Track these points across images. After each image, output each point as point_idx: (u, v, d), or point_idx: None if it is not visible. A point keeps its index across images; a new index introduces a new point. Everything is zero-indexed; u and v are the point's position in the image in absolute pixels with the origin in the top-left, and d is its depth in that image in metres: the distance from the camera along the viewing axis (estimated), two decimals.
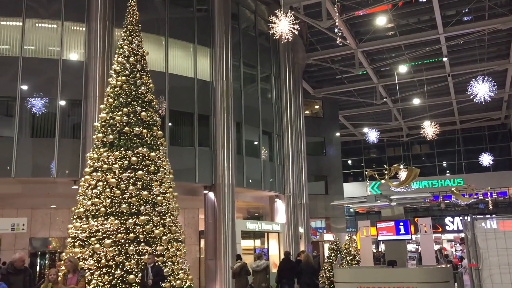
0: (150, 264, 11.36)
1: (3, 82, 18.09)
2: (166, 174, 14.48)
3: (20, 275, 7.79)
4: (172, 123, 20.23)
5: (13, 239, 20.00)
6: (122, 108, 14.33)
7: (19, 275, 7.77)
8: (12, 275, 7.71)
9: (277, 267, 15.58)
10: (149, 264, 11.37)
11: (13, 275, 7.71)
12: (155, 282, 11.08)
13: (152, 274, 11.08)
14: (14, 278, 7.75)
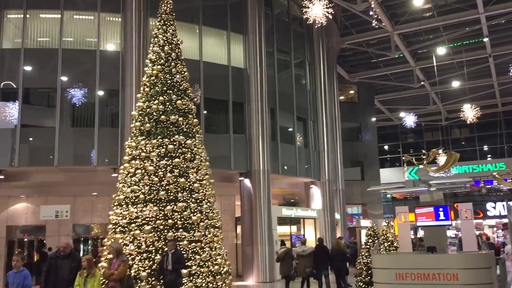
0: (171, 250, 11.05)
1: (44, 74, 18.66)
2: (202, 161, 14.65)
3: (67, 260, 8.15)
4: (207, 111, 20.39)
5: (57, 225, 20.75)
6: (158, 96, 14.55)
7: (66, 260, 8.15)
8: (59, 259, 8.10)
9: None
10: (169, 251, 11.04)
11: (61, 259, 8.08)
12: (174, 269, 10.81)
13: (172, 260, 10.79)
14: (61, 263, 8.16)
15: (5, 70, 18.29)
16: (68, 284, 8.18)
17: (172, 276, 10.68)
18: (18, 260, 7.77)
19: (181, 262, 11.02)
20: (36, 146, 18.40)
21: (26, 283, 7.73)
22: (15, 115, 18.06)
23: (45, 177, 18.94)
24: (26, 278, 7.73)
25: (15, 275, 7.67)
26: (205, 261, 13.30)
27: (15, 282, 7.58)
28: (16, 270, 7.72)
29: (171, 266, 10.58)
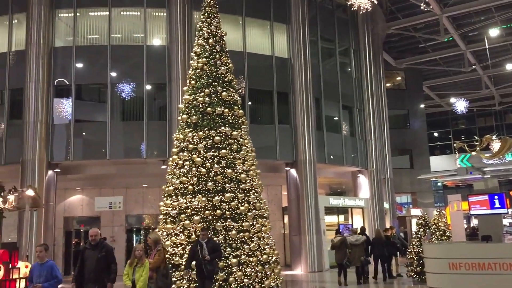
0: (204, 239, 10.54)
1: (95, 70, 19.31)
2: (248, 152, 14.76)
3: (95, 250, 7.80)
4: (252, 102, 20.48)
5: (111, 216, 21.54)
6: (204, 89, 14.74)
7: (94, 250, 7.81)
8: (88, 250, 7.82)
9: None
10: (202, 240, 10.53)
11: (89, 250, 7.80)
12: (213, 258, 10.42)
13: (208, 250, 10.29)
14: (89, 253, 7.82)
15: (58, 67, 19.05)
16: (95, 274, 7.74)
17: (211, 266, 10.36)
18: (41, 251, 7.29)
19: (218, 250, 10.72)
20: (89, 140, 19.12)
21: (54, 274, 7.28)
22: (69, 111, 18.81)
23: (98, 170, 19.66)
24: (53, 269, 7.29)
25: (40, 267, 7.22)
26: (253, 250, 13.44)
27: (42, 274, 7.10)
28: (41, 262, 7.25)
29: (208, 256, 10.19)
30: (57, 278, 7.22)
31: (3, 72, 19.20)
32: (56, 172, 18.51)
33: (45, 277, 7.07)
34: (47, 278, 7.08)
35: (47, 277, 7.09)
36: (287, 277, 16.75)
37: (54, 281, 7.16)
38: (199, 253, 10.22)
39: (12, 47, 19.54)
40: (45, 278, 7.06)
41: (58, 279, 7.25)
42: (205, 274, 10.18)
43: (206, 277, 10.26)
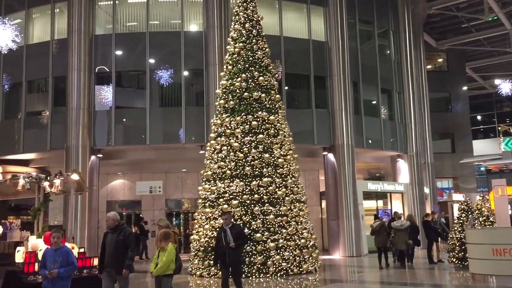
0: (228, 225, 9.58)
1: (134, 57, 19.64)
2: (285, 136, 14.77)
3: (114, 234, 7.69)
4: (288, 86, 20.36)
5: (151, 200, 22.05)
6: (240, 74, 14.80)
7: (113, 234, 7.71)
8: (109, 234, 7.74)
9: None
10: (226, 225, 9.58)
11: (110, 234, 7.72)
12: (238, 246, 9.43)
13: (232, 236, 9.33)
14: (109, 237, 7.76)
15: (99, 55, 19.48)
16: (112, 258, 7.62)
17: (235, 254, 9.35)
18: (59, 237, 6.94)
19: (243, 237, 9.76)
20: (129, 126, 19.55)
21: (71, 260, 6.87)
22: (110, 98, 19.25)
23: (138, 155, 20.11)
24: (69, 255, 6.87)
25: (55, 252, 6.82)
26: (291, 234, 13.53)
27: (57, 260, 6.73)
28: (56, 247, 6.87)
29: (233, 243, 9.22)
30: (73, 264, 6.91)
31: (47, 60, 19.80)
32: (98, 157, 19.06)
33: (60, 263, 6.73)
34: (62, 264, 6.73)
35: (62, 263, 6.74)
36: (325, 262, 16.76)
37: (70, 267, 6.85)
38: (223, 240, 9.34)
39: (55, 36, 20.10)
40: (59, 264, 6.72)
41: (74, 265, 6.96)
42: (229, 264, 9.30)
43: (230, 266, 9.37)
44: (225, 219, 9.63)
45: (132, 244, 7.76)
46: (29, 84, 20.58)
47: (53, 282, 6.63)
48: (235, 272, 9.29)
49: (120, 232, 7.74)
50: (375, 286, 12.30)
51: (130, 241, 7.74)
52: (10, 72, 20.58)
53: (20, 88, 20.37)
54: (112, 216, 7.99)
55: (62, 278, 6.66)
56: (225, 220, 9.62)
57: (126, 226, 8.04)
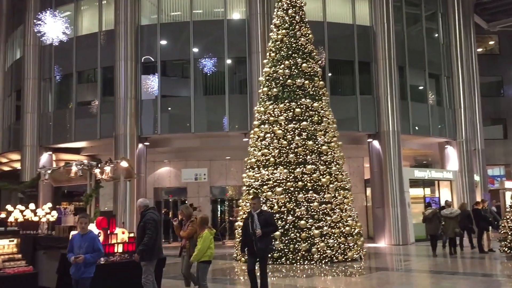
0: (256, 210, 8.67)
1: (178, 47, 19.93)
2: (329, 123, 14.65)
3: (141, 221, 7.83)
4: (332, 72, 20.10)
5: (196, 187, 22.46)
6: (283, 61, 14.75)
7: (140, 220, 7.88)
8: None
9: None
10: (254, 211, 8.66)
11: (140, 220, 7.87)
12: (265, 234, 8.44)
13: (260, 223, 8.43)
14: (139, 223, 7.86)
15: (144, 45, 19.88)
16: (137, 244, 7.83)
17: (262, 243, 8.37)
18: (86, 223, 6.94)
19: (271, 223, 8.69)
20: (174, 114, 19.92)
21: (97, 246, 6.83)
22: (155, 87, 19.65)
23: (184, 143, 20.48)
24: (95, 241, 6.85)
25: (81, 237, 6.80)
26: (336, 222, 13.47)
27: (82, 245, 6.69)
28: (83, 233, 6.83)
29: (259, 230, 8.31)
30: (99, 250, 6.86)
31: (95, 51, 20.39)
32: (145, 145, 19.55)
33: (86, 248, 6.68)
34: (88, 250, 6.69)
35: (88, 248, 6.69)
36: (370, 250, 16.59)
37: (96, 253, 6.81)
38: (249, 227, 8.51)
39: (103, 27, 20.65)
40: (85, 250, 6.67)
41: (101, 252, 6.93)
42: (255, 253, 8.44)
43: (257, 256, 8.49)
44: (253, 204, 8.78)
45: (149, 230, 7.65)
46: (79, 75, 21.31)
47: (77, 267, 6.63)
48: (262, 261, 8.55)
49: (142, 218, 7.88)
50: (423, 275, 12.09)
51: (147, 227, 7.67)
52: (61, 64, 21.35)
53: (70, 79, 21.12)
54: (138, 203, 8.15)
55: (86, 264, 6.64)
56: (253, 205, 8.77)
57: (149, 212, 7.91)
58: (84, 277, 6.64)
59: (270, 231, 8.71)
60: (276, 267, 12.65)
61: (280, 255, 13.06)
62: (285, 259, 13.02)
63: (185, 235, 8.82)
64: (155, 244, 7.80)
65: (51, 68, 21.41)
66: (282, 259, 13.04)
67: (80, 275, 6.61)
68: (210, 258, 8.20)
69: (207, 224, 8.48)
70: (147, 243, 7.64)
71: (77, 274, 6.61)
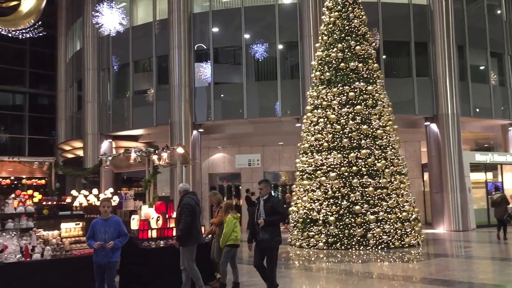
0: (264, 196, 7.64)
1: (230, 33, 20.03)
2: (384, 107, 14.34)
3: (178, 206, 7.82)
4: (386, 54, 19.55)
5: (250, 173, 22.66)
6: (336, 44, 14.53)
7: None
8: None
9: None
10: (262, 197, 7.67)
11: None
12: (269, 223, 7.38)
13: (265, 210, 7.45)
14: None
15: (197, 33, 20.14)
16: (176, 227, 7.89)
17: (266, 234, 7.36)
18: (108, 206, 6.78)
19: (278, 212, 7.55)
20: (227, 101, 20.13)
21: (123, 231, 6.70)
22: (208, 74, 19.91)
23: (237, 129, 20.68)
24: (120, 226, 6.71)
25: (105, 222, 6.65)
26: (392, 207, 13.23)
27: (107, 230, 6.56)
28: (105, 217, 6.69)
29: (262, 219, 7.36)
30: (125, 234, 6.74)
31: (150, 40, 20.88)
32: (199, 132, 19.91)
33: (111, 233, 6.56)
34: (113, 234, 6.56)
35: (114, 233, 6.57)
36: (428, 236, 16.18)
37: (123, 237, 6.68)
38: (256, 215, 7.60)
39: (157, 17, 21.09)
40: (111, 234, 6.55)
41: (127, 235, 6.80)
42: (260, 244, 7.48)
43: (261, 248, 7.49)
44: (260, 188, 7.70)
45: (184, 215, 7.54)
46: (135, 64, 21.93)
47: (105, 253, 6.53)
48: (268, 254, 7.45)
49: (179, 203, 7.86)
50: (485, 261, 11.67)
51: (183, 212, 7.60)
52: (118, 54, 22.05)
53: (127, 68, 21.79)
54: (178, 188, 8.17)
55: (113, 248, 6.57)
56: (260, 190, 7.72)
57: (186, 197, 7.83)
58: (112, 261, 6.61)
59: (274, 220, 7.50)
60: (331, 252, 12.61)
61: (334, 240, 13.01)
62: (340, 244, 12.95)
63: (216, 221, 8.83)
64: (192, 229, 7.65)
65: (109, 58, 22.18)
66: (337, 244, 12.98)
67: (108, 260, 6.55)
68: (235, 242, 8.21)
69: (232, 209, 8.48)
70: (182, 228, 7.58)
71: (105, 259, 6.53)
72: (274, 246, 7.44)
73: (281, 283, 9.03)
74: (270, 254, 7.41)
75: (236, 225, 8.24)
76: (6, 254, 6.71)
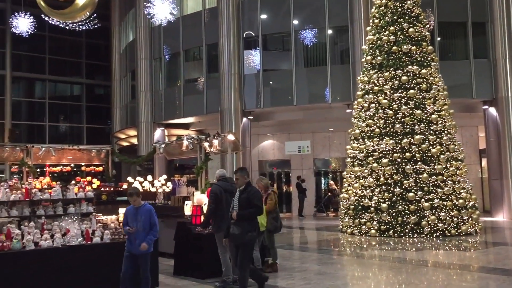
0: (240, 186, 6.84)
1: (279, 19, 19.93)
2: (439, 91, 13.89)
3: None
4: (441, 36, 18.83)
5: (299, 160, 22.60)
6: (388, 27, 14.15)
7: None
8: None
9: None
10: (238, 187, 6.90)
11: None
12: (241, 217, 6.58)
13: (239, 203, 6.68)
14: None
15: (246, 20, 20.16)
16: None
17: (238, 229, 6.57)
18: (135, 199, 6.51)
19: (254, 205, 6.63)
20: (276, 88, 20.10)
21: (153, 221, 6.45)
22: (257, 61, 19.94)
23: (286, 116, 20.63)
24: (151, 215, 6.45)
25: (136, 210, 6.46)
26: (448, 194, 12.85)
27: (139, 218, 6.36)
28: (137, 205, 6.47)
29: (235, 213, 6.62)
30: (155, 225, 6.47)
31: (200, 29, 21.13)
32: (249, 119, 20.03)
33: (143, 222, 6.37)
34: (145, 224, 6.37)
35: (145, 222, 6.37)
36: (486, 224, 15.57)
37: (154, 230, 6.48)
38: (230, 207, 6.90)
39: (206, 5, 21.29)
40: (142, 223, 6.37)
41: (156, 226, 6.50)
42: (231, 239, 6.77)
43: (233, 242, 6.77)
44: (236, 178, 6.89)
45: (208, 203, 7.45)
46: (186, 53, 22.28)
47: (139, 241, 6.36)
48: (241, 255, 6.58)
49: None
50: None
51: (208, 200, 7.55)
52: (169, 43, 22.48)
53: (178, 57, 22.18)
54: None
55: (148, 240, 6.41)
56: (236, 180, 6.93)
57: (215, 184, 7.91)
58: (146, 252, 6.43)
59: (248, 214, 6.59)
60: (384, 240, 12.43)
61: (387, 227, 12.79)
62: (393, 231, 12.71)
63: (266, 208, 8.72)
64: (218, 216, 7.46)
65: (161, 48, 22.65)
66: (390, 231, 12.75)
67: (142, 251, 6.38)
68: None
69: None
70: (206, 215, 7.69)
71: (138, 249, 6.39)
72: (246, 243, 6.56)
73: (332, 270, 9.02)
74: (241, 251, 6.55)
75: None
76: (68, 237, 7.06)
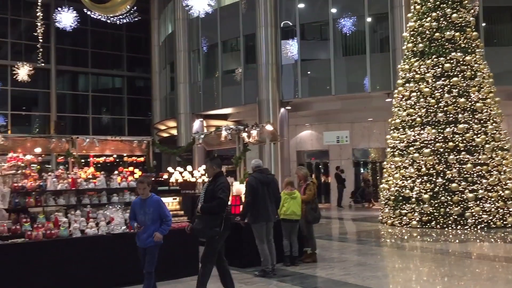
0: (210, 176, 6.39)
1: (317, 8, 19.70)
2: (484, 78, 13.44)
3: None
4: (487, 22, 18.13)
5: (338, 150, 22.40)
6: (430, 13, 13.77)
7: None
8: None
9: None
10: (208, 177, 6.59)
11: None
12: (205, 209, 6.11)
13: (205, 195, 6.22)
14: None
15: (283, 10, 20.03)
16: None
17: (200, 222, 6.13)
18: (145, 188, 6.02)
19: (216, 197, 6.05)
20: (314, 78, 19.93)
21: (163, 212, 6.02)
22: (295, 51, 19.80)
23: (324, 106, 20.43)
24: (161, 207, 6.02)
25: (144, 202, 6.01)
26: (493, 185, 12.47)
27: (147, 211, 5.93)
28: (144, 197, 6.02)
29: (199, 206, 6.18)
30: (166, 217, 6.03)
31: (237, 20, 21.14)
32: (287, 109, 19.96)
33: (152, 215, 5.94)
34: (154, 216, 5.95)
35: (154, 215, 5.95)
36: None
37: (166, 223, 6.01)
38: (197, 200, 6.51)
39: None
40: (151, 216, 5.94)
41: (168, 218, 6.04)
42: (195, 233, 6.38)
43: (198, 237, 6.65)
44: (206, 168, 6.36)
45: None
46: (224, 45, 22.38)
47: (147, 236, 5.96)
48: (204, 250, 6.17)
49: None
50: None
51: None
52: (207, 35, 22.63)
53: (216, 48, 22.31)
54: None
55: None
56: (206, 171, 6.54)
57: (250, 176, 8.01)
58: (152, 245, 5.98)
59: (211, 207, 6.06)
60: (425, 231, 12.19)
61: (429, 218, 12.54)
62: (435, 223, 12.45)
63: (304, 199, 8.69)
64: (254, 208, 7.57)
65: (199, 40, 22.84)
66: (432, 223, 12.49)
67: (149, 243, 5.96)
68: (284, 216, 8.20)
69: (292, 185, 8.44)
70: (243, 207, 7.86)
71: (145, 242, 5.98)
72: (210, 239, 6.08)
73: (372, 261, 8.93)
74: (205, 246, 6.14)
75: (286, 200, 8.21)
76: (112, 225, 7.27)
